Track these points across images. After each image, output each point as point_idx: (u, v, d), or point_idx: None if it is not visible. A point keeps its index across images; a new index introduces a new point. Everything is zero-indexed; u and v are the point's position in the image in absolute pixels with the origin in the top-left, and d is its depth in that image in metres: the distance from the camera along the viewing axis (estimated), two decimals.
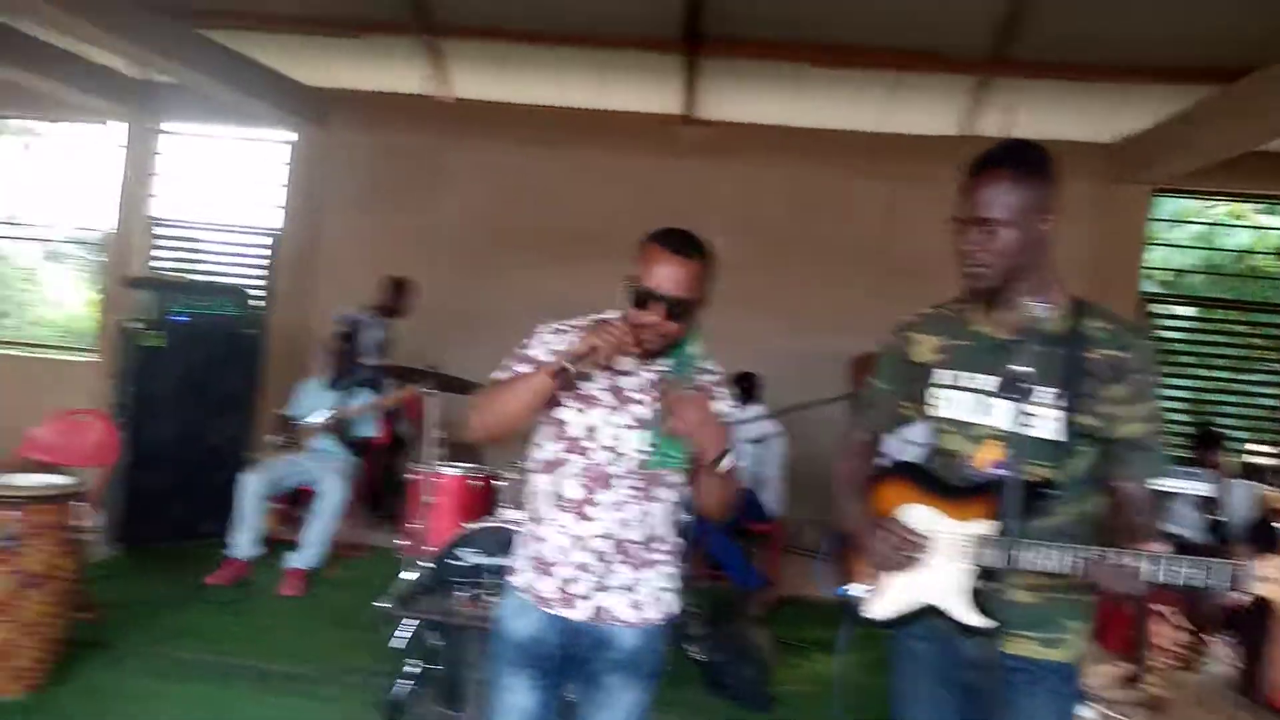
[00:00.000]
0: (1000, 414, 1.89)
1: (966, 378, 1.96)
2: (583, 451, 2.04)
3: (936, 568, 1.91)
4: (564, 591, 2.04)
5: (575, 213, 7.23)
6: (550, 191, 7.33)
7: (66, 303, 10.06)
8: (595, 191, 7.18)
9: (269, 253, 7.90)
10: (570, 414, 2.06)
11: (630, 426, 2.04)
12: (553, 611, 2.03)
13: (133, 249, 7.85)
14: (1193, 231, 7.97)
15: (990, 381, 1.92)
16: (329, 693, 3.74)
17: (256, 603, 4.74)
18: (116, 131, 8.02)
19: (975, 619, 1.85)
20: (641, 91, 7.15)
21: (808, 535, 6.71)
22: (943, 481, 1.97)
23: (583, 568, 2.03)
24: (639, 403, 2.06)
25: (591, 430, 2.04)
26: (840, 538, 2.13)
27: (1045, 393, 1.83)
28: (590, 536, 2.02)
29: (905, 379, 2.08)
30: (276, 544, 5.20)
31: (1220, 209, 8.04)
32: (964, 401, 1.96)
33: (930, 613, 1.93)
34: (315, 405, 5.42)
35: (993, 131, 6.69)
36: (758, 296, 6.41)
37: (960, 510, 1.91)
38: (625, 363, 2.07)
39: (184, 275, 7.65)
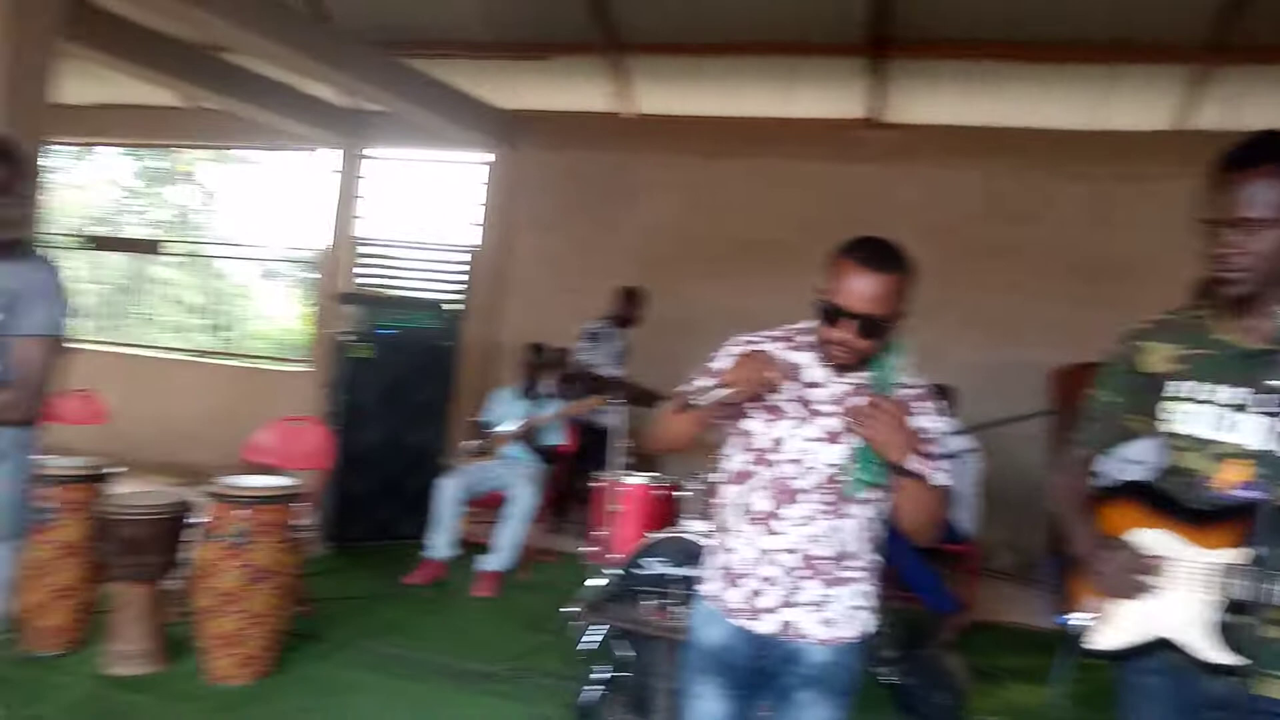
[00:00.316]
0: (1248, 430, 1.72)
1: (1207, 390, 1.78)
2: (769, 464, 2.01)
3: (1173, 597, 1.75)
4: (751, 604, 2.01)
5: (760, 222, 7.18)
6: (735, 202, 7.33)
7: (279, 317, 10.92)
8: (780, 200, 7.11)
9: (466, 269, 8.29)
10: (757, 425, 2.02)
11: (819, 439, 1.98)
12: (740, 623, 2.01)
13: (341, 267, 8.42)
14: None
15: (1236, 394, 1.75)
16: (521, 693, 3.84)
17: (452, 602, 4.95)
18: (327, 157, 8.64)
19: (1221, 656, 1.68)
20: (825, 97, 7.05)
21: (1003, 557, 6.37)
22: (1180, 503, 1.80)
23: (769, 581, 1.99)
24: (829, 415, 1.99)
25: (778, 442, 2.00)
26: (1061, 562, 1.99)
27: None
28: (777, 550, 1.98)
29: (1133, 391, 1.92)
30: (470, 546, 5.43)
31: None
32: (1204, 416, 1.78)
33: (1164, 646, 1.76)
34: (507, 414, 5.63)
35: (1213, 125, 6.16)
36: (948, 306, 6.14)
37: (1202, 536, 1.75)
38: (816, 373, 2.02)
39: (388, 291, 8.13)
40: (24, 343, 2.20)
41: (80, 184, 10.62)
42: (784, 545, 1.98)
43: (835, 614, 2.01)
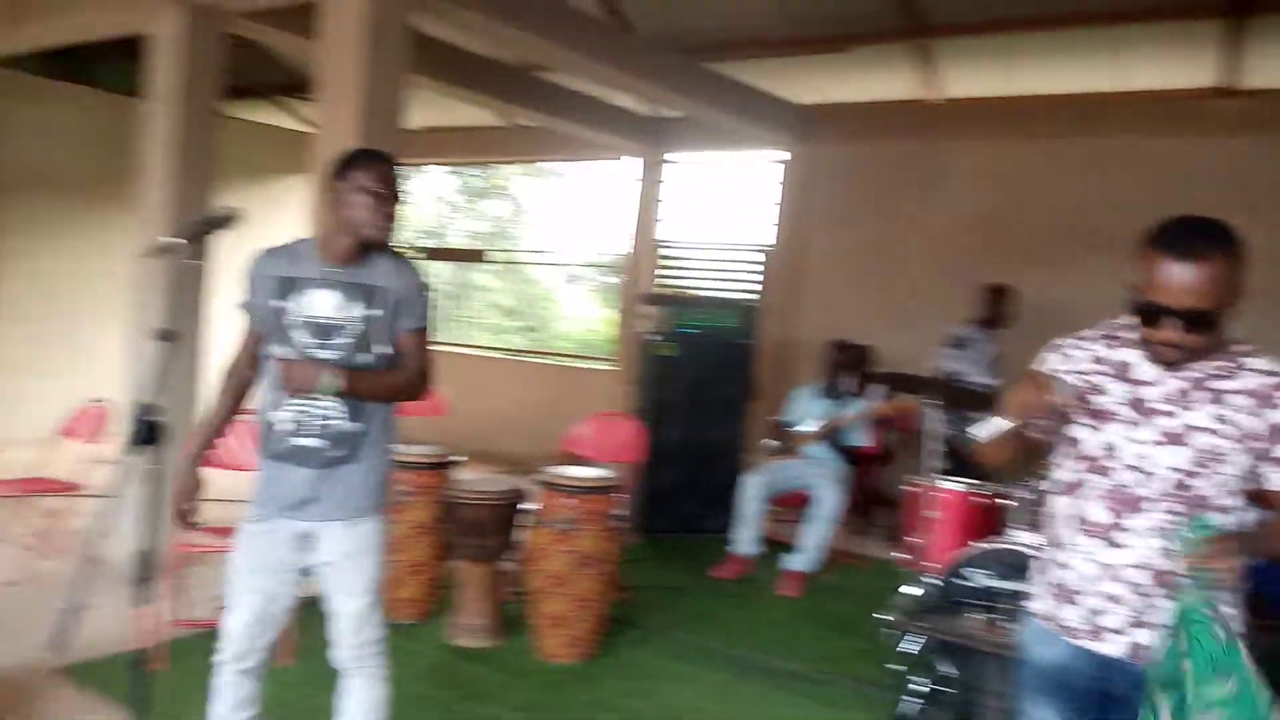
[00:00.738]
0: None
1: None
2: (1104, 472, 1.85)
3: None
4: (1092, 623, 1.85)
5: (1087, 206, 6.57)
6: (1055, 186, 6.77)
7: (583, 318, 11.55)
8: (1109, 181, 6.47)
9: (761, 268, 8.33)
10: (1084, 431, 1.88)
11: (1157, 442, 1.80)
12: (1079, 643, 1.86)
13: (643, 269, 8.75)
14: None
15: None
16: (833, 696, 3.78)
17: (758, 599, 4.98)
18: (629, 165, 9.02)
19: None
20: (1166, 66, 6.32)
21: None
22: None
23: (1114, 599, 1.82)
24: (1165, 415, 1.80)
25: (1110, 449, 1.84)
26: None
27: None
28: (1122, 565, 1.81)
29: None
30: (773, 544, 5.43)
31: None
32: None
33: None
34: (808, 413, 5.57)
35: None
36: None
37: None
38: (1146, 370, 1.84)
39: (689, 291, 8.33)
40: (410, 336, 2.47)
41: (412, 201, 11.85)
42: (1130, 560, 1.80)
43: None
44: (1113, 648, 1.82)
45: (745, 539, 5.28)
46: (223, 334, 4.70)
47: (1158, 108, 6.46)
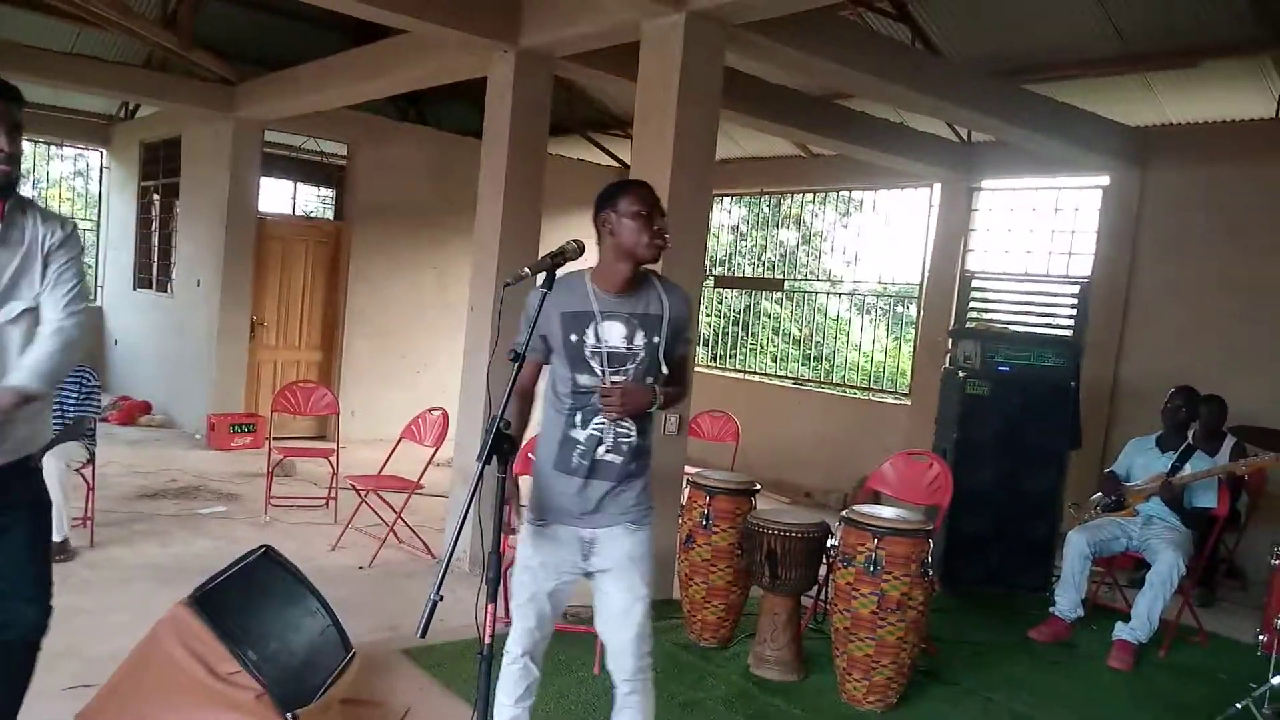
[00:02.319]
0: None
1: None
2: None
3: None
4: None
5: None
6: None
7: (872, 350, 11.21)
8: None
9: (1075, 303, 7.70)
10: None
11: None
12: None
13: (947, 300, 8.36)
14: None
15: None
16: None
17: (1081, 668, 4.52)
18: (934, 192, 8.66)
19: None
20: None
21: None
22: None
23: None
24: None
25: None
26: None
27: None
28: None
29: None
30: (1096, 609, 4.93)
31: None
32: None
33: None
34: (1143, 466, 5.03)
35: None
36: None
37: None
38: None
39: (1001, 325, 7.85)
40: (683, 356, 2.70)
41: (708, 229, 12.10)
42: None
43: None
44: None
45: (1067, 600, 4.83)
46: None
47: None
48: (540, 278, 2.44)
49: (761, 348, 10.91)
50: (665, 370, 2.58)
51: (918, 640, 3.87)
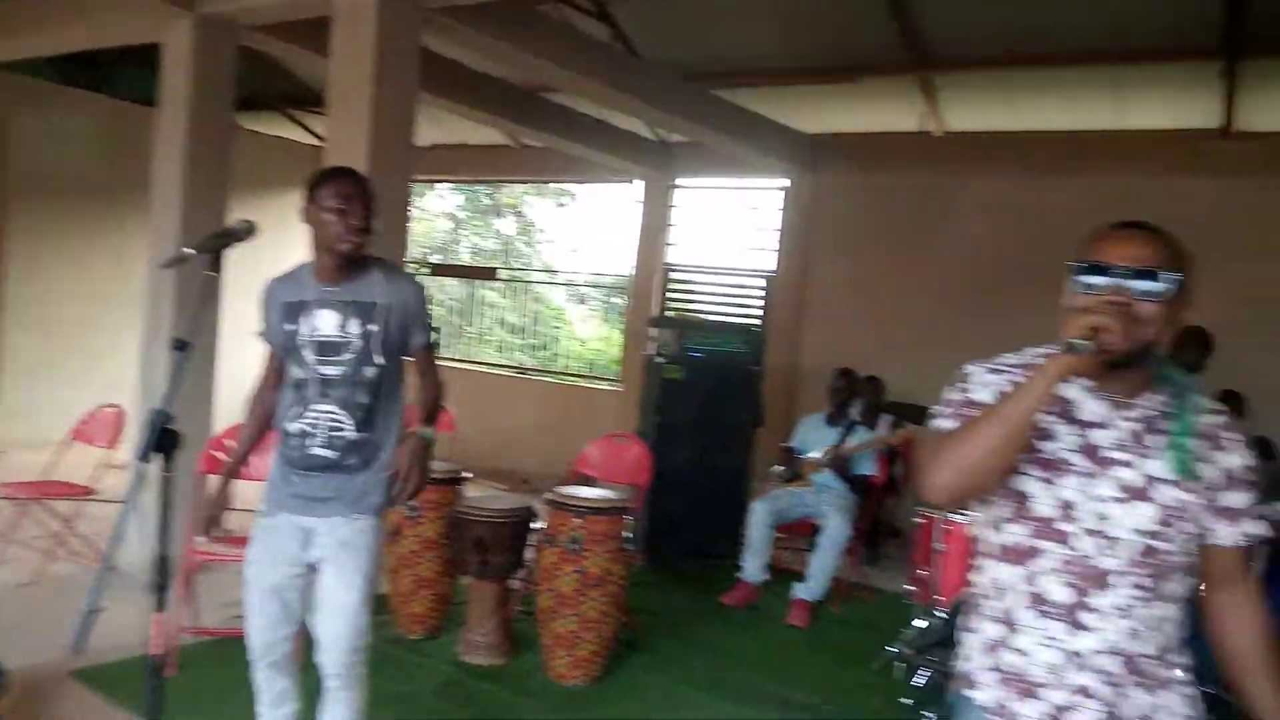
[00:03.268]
0: None
1: None
2: (1062, 538, 1.53)
3: None
4: None
5: None
6: (1060, 222, 6.79)
7: (589, 338, 11.56)
8: (1114, 219, 6.53)
9: (764, 294, 8.37)
10: (1034, 485, 1.54)
11: (1117, 498, 1.51)
12: None
13: (650, 291, 8.79)
14: None
15: None
16: None
17: (766, 627, 4.96)
18: (636, 189, 9.07)
19: None
20: (1166, 107, 6.42)
21: None
22: None
23: (1084, 692, 1.51)
24: (1125, 464, 1.53)
25: (1067, 508, 1.52)
26: None
27: None
28: (1091, 652, 1.51)
29: None
30: (780, 572, 5.42)
31: None
32: None
33: None
34: (815, 440, 5.58)
35: None
36: None
37: None
38: (1093, 409, 1.56)
39: (696, 315, 8.37)
40: (423, 353, 2.65)
41: (419, 217, 11.89)
42: (1099, 645, 1.51)
43: None
44: None
45: (753, 566, 5.27)
46: (235, 345, 4.73)
47: (1158, 148, 6.52)
48: (208, 259, 2.31)
49: (483, 337, 10.89)
50: (386, 363, 2.53)
51: (618, 614, 4.07)
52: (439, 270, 10.65)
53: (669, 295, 8.83)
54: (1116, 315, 1.43)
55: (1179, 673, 1.58)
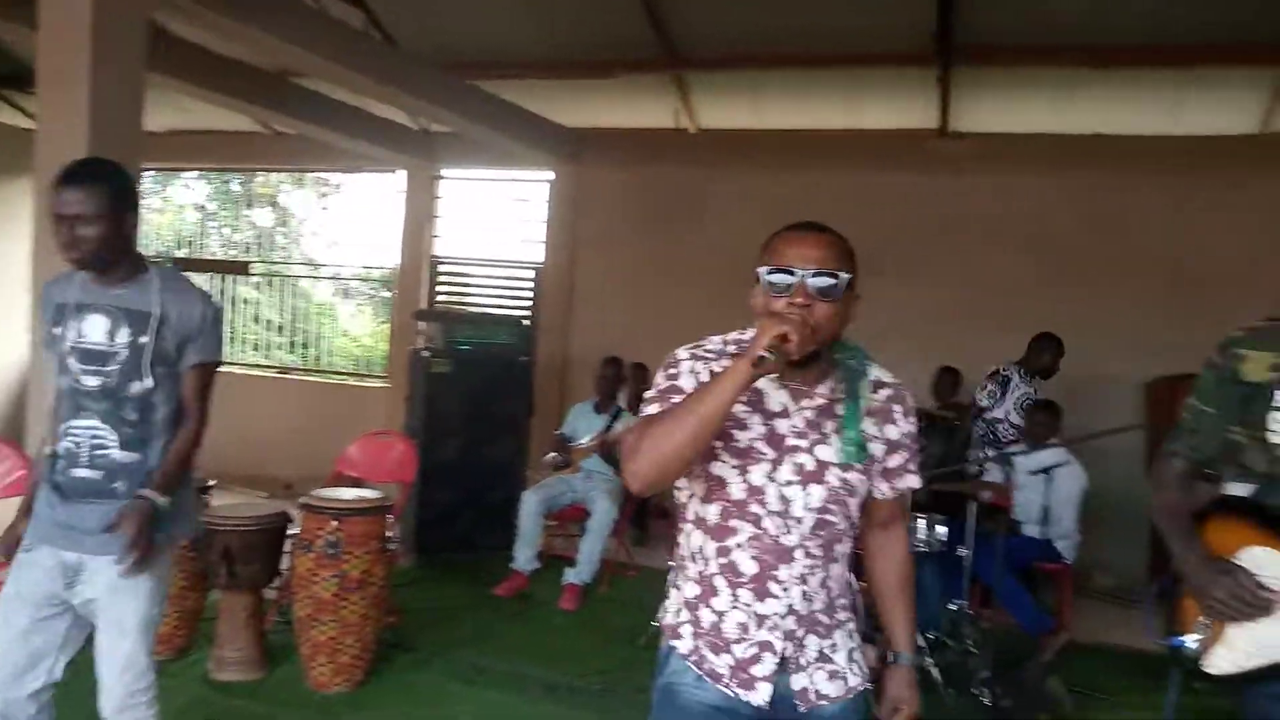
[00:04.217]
0: None
1: None
2: (753, 519, 1.69)
3: None
4: (748, 671, 1.72)
5: None
6: (804, 215, 7.24)
7: (358, 334, 11.19)
8: (850, 212, 6.88)
9: (533, 285, 8.43)
10: (729, 471, 1.70)
11: (795, 482, 1.69)
12: (731, 690, 1.72)
13: (417, 284, 8.62)
14: None
15: None
16: (612, 706, 3.87)
17: (538, 614, 5.02)
18: (399, 179, 8.86)
19: None
20: (895, 108, 7.01)
21: (1102, 577, 6.22)
22: None
23: (767, 647, 1.71)
24: (801, 450, 1.70)
25: (757, 492, 1.69)
26: (1167, 581, 1.95)
27: None
28: (774, 615, 1.71)
29: (1233, 401, 1.87)
30: (555, 559, 5.50)
31: None
32: None
33: None
34: (585, 427, 5.71)
35: None
36: (1029, 317, 6.04)
37: None
38: (777, 399, 1.72)
39: (463, 307, 8.29)
40: (194, 373, 2.43)
41: (164, 208, 11.03)
42: (781, 610, 1.71)
43: (840, 665, 1.78)
44: (760, 695, 1.71)
45: (524, 556, 5.32)
46: None
47: (889, 146, 7.13)
48: None
49: (240, 336, 10.25)
50: (156, 377, 2.32)
51: (381, 615, 4.00)
52: (185, 265, 9.93)
53: (437, 288, 8.70)
54: (798, 322, 1.58)
55: (842, 615, 1.81)
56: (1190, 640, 1.86)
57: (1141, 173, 6.53)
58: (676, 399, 1.68)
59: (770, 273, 1.69)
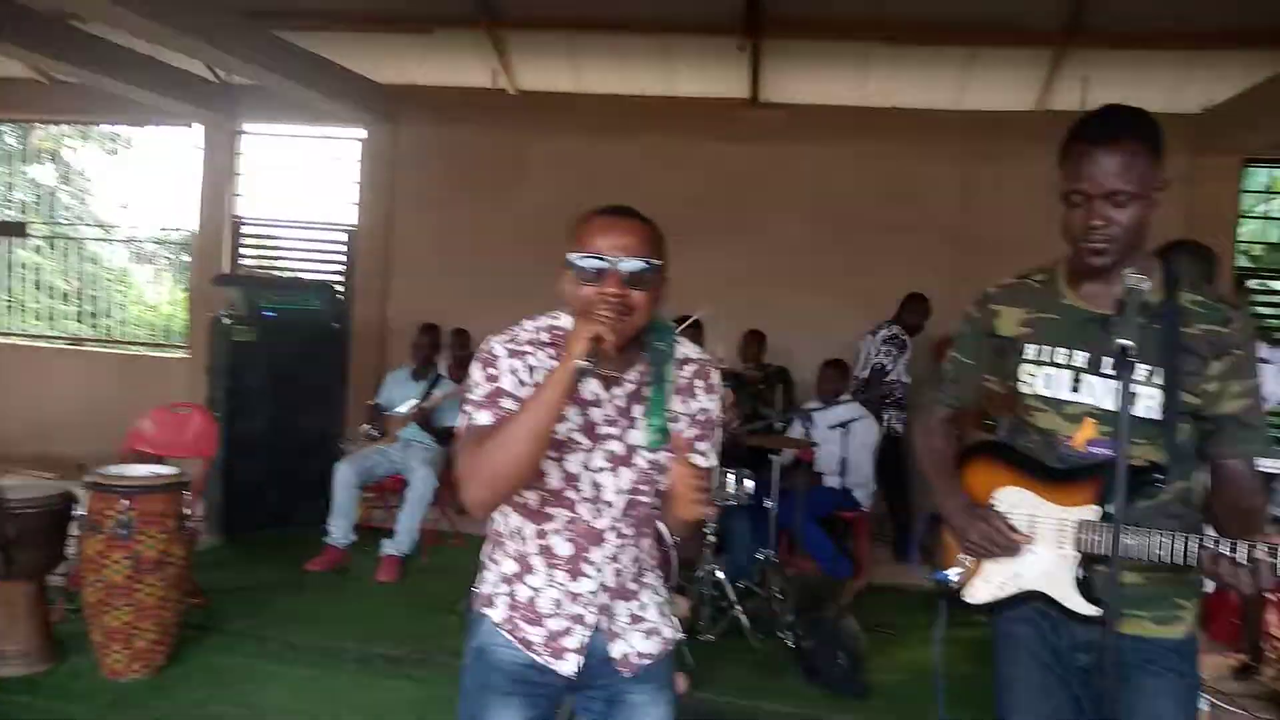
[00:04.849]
0: (1098, 391, 1.84)
1: (1060, 353, 1.90)
2: (568, 505, 1.76)
3: (1038, 553, 1.89)
4: (555, 642, 1.80)
5: (645, 200, 7.04)
6: (622, 180, 7.30)
7: (156, 301, 10.46)
8: (664, 178, 7.14)
9: (346, 248, 8.12)
10: (547, 462, 1.73)
11: (606, 468, 1.75)
12: (542, 659, 1.79)
13: (218, 247, 8.12)
14: None
15: (1083, 357, 1.87)
16: (430, 675, 3.86)
17: (355, 588, 4.93)
18: (195, 133, 8.29)
19: (1086, 607, 1.82)
20: (706, 76, 7.16)
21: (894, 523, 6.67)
22: (1038, 462, 1.92)
23: (579, 620, 1.80)
24: (611, 437, 1.76)
25: (572, 480, 1.75)
26: (933, 520, 2.10)
27: (1142, 369, 1.78)
28: (587, 593, 1.79)
29: (987, 353, 2.03)
30: (370, 531, 5.38)
31: None
32: (1057, 378, 1.89)
33: (1034, 598, 1.90)
34: (402, 395, 5.59)
35: (1070, 105, 6.54)
36: (832, 280, 6.36)
37: (1060, 494, 1.87)
38: (590, 388, 1.75)
39: (269, 272, 7.89)
40: None
41: None
42: (593, 588, 1.79)
43: (654, 620, 1.88)
44: (569, 665, 1.79)
45: (339, 529, 5.18)
46: None
47: (701, 114, 7.29)
48: None
49: (19, 304, 9.35)
50: None
51: (181, 596, 3.81)
52: None
53: (241, 252, 8.23)
54: (612, 321, 1.58)
55: (649, 577, 1.90)
56: (953, 574, 2.03)
57: (930, 144, 6.99)
58: (504, 402, 1.69)
59: (581, 259, 1.68)
